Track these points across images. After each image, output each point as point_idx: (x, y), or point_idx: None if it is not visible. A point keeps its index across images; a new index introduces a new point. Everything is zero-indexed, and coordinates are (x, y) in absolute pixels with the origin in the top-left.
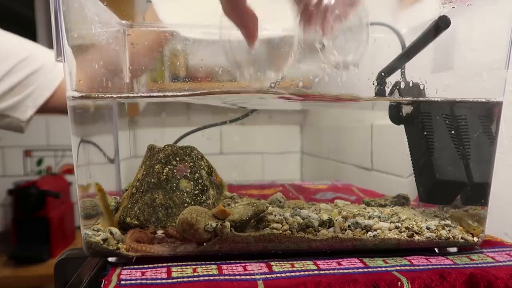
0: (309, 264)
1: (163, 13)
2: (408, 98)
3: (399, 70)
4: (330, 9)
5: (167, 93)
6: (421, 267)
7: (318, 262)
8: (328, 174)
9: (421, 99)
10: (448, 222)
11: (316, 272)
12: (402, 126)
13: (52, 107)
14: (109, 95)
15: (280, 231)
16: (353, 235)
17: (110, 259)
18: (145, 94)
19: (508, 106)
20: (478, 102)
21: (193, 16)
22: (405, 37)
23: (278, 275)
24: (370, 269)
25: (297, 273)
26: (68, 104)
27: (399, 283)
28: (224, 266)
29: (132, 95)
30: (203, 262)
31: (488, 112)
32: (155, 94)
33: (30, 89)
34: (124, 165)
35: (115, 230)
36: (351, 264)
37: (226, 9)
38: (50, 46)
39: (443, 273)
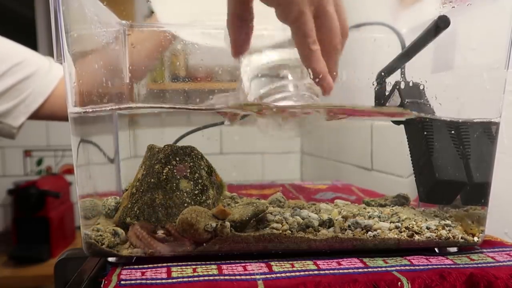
0: (309, 264)
1: (163, 16)
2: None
3: (399, 70)
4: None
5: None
6: (421, 267)
7: (318, 262)
8: (328, 174)
9: (423, 115)
10: (448, 222)
11: (316, 272)
12: (402, 126)
13: (44, 113)
14: (109, 107)
15: (280, 231)
16: (353, 235)
17: (110, 259)
18: (144, 105)
19: (508, 106)
20: (479, 123)
21: (193, 16)
22: (405, 37)
23: (278, 275)
24: (370, 269)
25: (297, 273)
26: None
27: (399, 283)
28: (224, 266)
29: (133, 105)
30: (203, 262)
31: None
32: (154, 105)
33: (24, 95)
34: (124, 165)
35: (120, 230)
36: (351, 264)
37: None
38: (50, 46)
39: (443, 273)
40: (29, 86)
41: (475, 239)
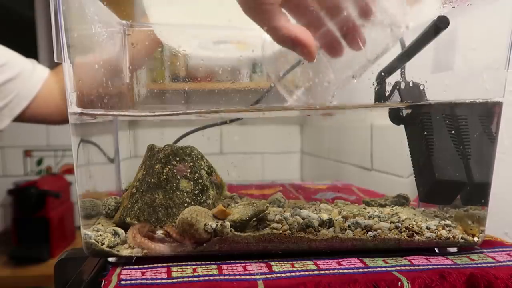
0: (309, 264)
1: (155, 16)
2: (405, 104)
3: (399, 70)
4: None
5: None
6: (421, 267)
7: (318, 262)
8: (328, 174)
9: (421, 103)
10: (448, 222)
11: (316, 272)
12: (402, 126)
13: (27, 117)
14: (110, 113)
15: (280, 231)
16: (353, 235)
17: (110, 259)
18: (146, 114)
19: (508, 106)
20: (478, 103)
21: (186, 18)
22: (405, 37)
23: (278, 275)
24: (370, 269)
25: (297, 273)
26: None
27: (399, 283)
28: (224, 266)
29: (134, 113)
30: (203, 262)
31: (488, 112)
32: (157, 113)
33: (8, 98)
34: (124, 165)
35: (120, 230)
36: (351, 264)
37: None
38: (50, 46)
39: (443, 273)
40: (14, 88)
41: (475, 239)
